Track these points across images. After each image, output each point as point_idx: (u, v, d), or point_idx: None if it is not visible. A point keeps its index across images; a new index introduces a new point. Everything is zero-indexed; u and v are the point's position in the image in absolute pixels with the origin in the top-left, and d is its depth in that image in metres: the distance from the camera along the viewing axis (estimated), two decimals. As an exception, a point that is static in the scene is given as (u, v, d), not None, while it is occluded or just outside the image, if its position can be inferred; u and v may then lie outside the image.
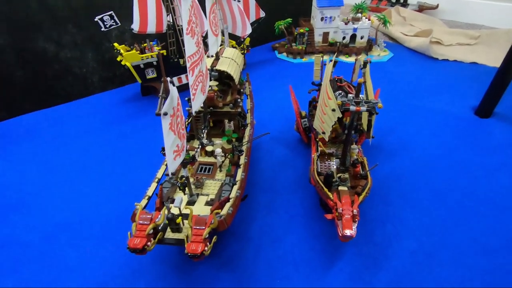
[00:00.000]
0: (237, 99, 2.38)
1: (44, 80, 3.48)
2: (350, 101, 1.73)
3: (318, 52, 4.76)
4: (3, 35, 3.09)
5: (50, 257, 1.88)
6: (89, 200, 2.29)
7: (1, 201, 2.31)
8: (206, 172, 2.13)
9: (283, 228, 2.05)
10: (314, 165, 2.15)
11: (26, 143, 2.99)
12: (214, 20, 2.24)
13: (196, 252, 1.41)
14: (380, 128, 2.96)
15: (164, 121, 1.42)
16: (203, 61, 1.93)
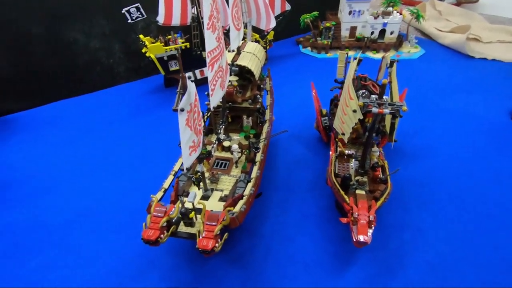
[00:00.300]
0: (257, 95, 2.35)
1: (74, 69, 3.63)
2: (373, 102, 1.65)
3: (344, 47, 4.61)
4: (37, 26, 3.24)
5: (70, 241, 1.99)
6: (109, 189, 2.38)
7: (32, 185, 2.45)
8: (222, 168, 2.14)
9: (296, 227, 2.03)
10: (331, 166, 2.10)
11: (56, 129, 3.15)
12: (236, 14, 2.21)
13: (207, 248, 1.43)
14: (405, 130, 2.83)
15: (181, 117, 1.43)
16: (223, 56, 1.92)
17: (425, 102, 3.32)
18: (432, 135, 2.82)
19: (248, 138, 2.41)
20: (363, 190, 1.87)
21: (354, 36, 4.65)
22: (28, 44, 3.28)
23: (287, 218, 2.10)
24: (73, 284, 1.74)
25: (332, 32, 4.63)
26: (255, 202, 2.19)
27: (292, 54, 4.70)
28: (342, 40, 4.66)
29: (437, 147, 2.66)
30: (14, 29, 3.15)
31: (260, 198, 2.22)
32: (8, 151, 2.84)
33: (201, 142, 1.69)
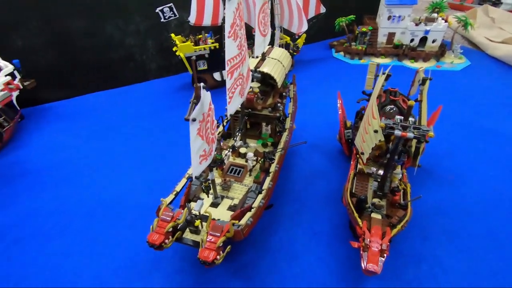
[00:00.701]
0: (277, 103, 2.30)
1: (109, 64, 3.81)
2: (397, 124, 1.54)
3: (379, 54, 4.39)
4: (80, 21, 3.43)
5: (86, 232, 2.09)
6: (129, 183, 2.47)
7: (59, 173, 2.61)
8: (236, 175, 2.12)
9: (305, 245, 1.96)
10: (349, 183, 2.00)
11: (86, 121, 3.33)
12: (263, 20, 2.17)
13: (207, 260, 1.42)
14: (436, 151, 2.63)
15: (192, 126, 1.42)
16: (244, 64, 1.89)
17: (464, 121, 3.06)
18: (467, 158, 2.59)
19: (265, 146, 2.37)
20: (379, 214, 1.76)
21: (392, 42, 4.40)
22: (70, 38, 3.48)
23: (297, 233, 2.04)
24: (82, 274, 1.83)
25: (368, 38, 4.42)
26: (266, 213, 2.16)
27: (323, 58, 4.56)
28: (378, 47, 4.43)
29: (471, 173, 2.44)
30: (58, 24, 3.36)
31: (273, 209, 2.19)
32: (42, 139, 3.06)
33: (213, 150, 1.68)
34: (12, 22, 3.18)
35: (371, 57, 4.44)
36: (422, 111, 1.75)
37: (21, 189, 2.45)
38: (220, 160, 1.92)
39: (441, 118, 2.51)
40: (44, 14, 3.27)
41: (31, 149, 2.91)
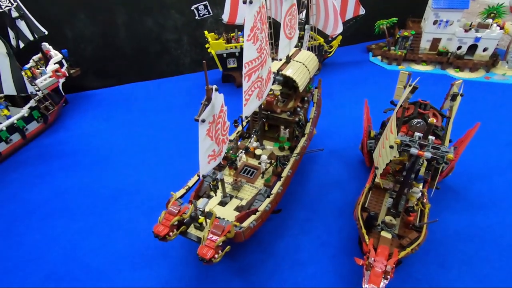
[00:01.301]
0: (297, 107, 2.26)
1: (147, 57, 4.01)
2: (414, 142, 1.44)
3: (420, 60, 4.11)
4: (122, 16, 3.65)
5: (107, 214, 2.25)
6: (153, 172, 2.58)
7: (92, 157, 2.83)
8: (248, 175, 2.14)
9: (310, 254, 1.93)
10: (362, 197, 1.93)
11: (123, 109, 3.55)
12: (289, 23, 2.14)
13: (205, 257, 1.47)
14: (468, 169, 2.42)
15: (201, 127, 1.46)
16: (264, 66, 1.89)
17: (507, 141, 2.77)
18: (504, 182, 2.35)
19: (282, 150, 2.36)
20: (390, 233, 1.68)
21: (436, 49, 4.09)
22: (113, 31, 3.73)
23: (304, 241, 2.01)
24: (97, 253, 1.98)
25: (409, 42, 4.15)
26: (275, 217, 2.16)
27: (358, 62, 4.38)
28: (420, 53, 4.15)
29: (506, 198, 2.21)
30: (103, 17, 3.61)
31: (283, 213, 2.18)
32: (81, 123, 3.32)
33: (223, 151, 1.71)
34: (65, 15, 3.48)
35: (410, 63, 4.17)
36: (448, 130, 1.62)
37: (55, 168, 2.69)
38: (231, 160, 1.95)
39: (483, 136, 2.30)
40: (92, 8, 3.52)
41: (70, 132, 3.18)
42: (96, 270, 1.90)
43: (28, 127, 2.99)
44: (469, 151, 2.48)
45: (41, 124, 3.12)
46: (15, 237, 2.13)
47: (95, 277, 1.87)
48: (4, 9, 2.85)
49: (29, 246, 2.06)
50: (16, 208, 2.34)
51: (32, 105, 3.01)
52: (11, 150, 2.86)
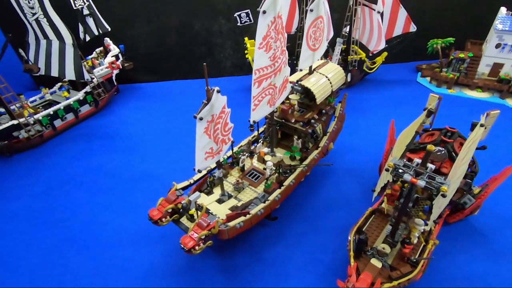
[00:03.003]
0: (312, 119, 2.25)
1: (192, 57, 4.31)
2: (410, 168, 1.35)
3: (475, 86, 3.72)
4: (173, 19, 4.00)
5: (127, 194, 2.49)
6: (175, 165, 2.75)
7: (127, 143, 3.14)
8: (253, 179, 2.18)
9: (299, 267, 1.90)
10: (362, 219, 1.84)
11: (164, 102, 3.86)
12: (313, 34, 2.15)
13: (185, 246, 1.55)
14: (499, 212, 2.15)
15: (199, 124, 1.56)
16: (277, 75, 1.93)
17: None
18: (545, 234, 2.02)
19: (293, 159, 2.36)
20: (380, 261, 1.58)
21: (496, 75, 3.66)
22: (165, 32, 4.10)
23: (296, 254, 1.98)
24: (108, 226, 2.21)
25: (465, 66, 3.79)
26: (273, 224, 2.17)
27: (403, 81, 4.12)
28: (476, 78, 3.75)
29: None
30: (159, 19, 4.00)
31: (281, 222, 2.18)
32: (125, 111, 3.70)
33: (222, 150, 1.79)
34: (126, 15, 3.94)
35: (463, 88, 3.79)
36: (456, 161, 1.46)
37: (95, 147, 3.06)
38: (232, 163, 2.02)
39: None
40: (149, 12, 3.93)
41: (114, 117, 3.57)
42: (103, 240, 2.12)
43: (81, 109, 3.44)
44: (506, 192, 2.21)
45: (92, 108, 3.56)
46: (49, 200, 2.47)
47: (101, 246, 2.08)
48: (78, 7, 3.35)
49: (57, 210, 2.38)
50: (56, 175, 2.72)
51: (87, 91, 3.45)
52: (65, 127, 3.32)
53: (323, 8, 2.13)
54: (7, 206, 2.44)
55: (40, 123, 3.04)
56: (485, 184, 2.03)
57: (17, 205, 2.45)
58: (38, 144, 3.11)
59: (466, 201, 2.00)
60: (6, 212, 2.39)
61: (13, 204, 2.45)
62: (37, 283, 1.88)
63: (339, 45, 2.81)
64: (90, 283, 1.87)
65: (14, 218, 2.33)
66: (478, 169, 2.08)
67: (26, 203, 2.46)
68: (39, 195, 2.53)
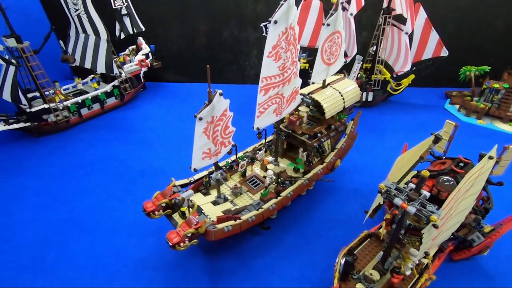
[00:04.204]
0: (318, 133, 2.22)
1: (218, 62, 4.45)
2: (402, 192, 1.29)
3: (508, 119, 3.48)
4: (204, 25, 4.16)
5: (131, 184, 2.59)
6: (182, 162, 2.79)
7: (143, 136, 3.27)
8: (252, 186, 2.19)
9: (284, 281, 1.86)
10: (355, 241, 1.78)
11: (185, 103, 3.99)
12: (329, 49, 2.14)
13: (170, 241, 1.58)
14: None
15: (198, 124, 1.61)
16: (286, 85, 1.94)
17: None
18: None
19: (296, 171, 2.33)
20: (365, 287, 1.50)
21: (534, 110, 3.40)
22: (195, 36, 4.27)
23: (284, 268, 1.94)
24: (109, 214, 2.30)
25: (499, 96, 3.56)
26: (266, 233, 2.15)
27: (430, 106, 3.94)
28: (511, 110, 3.51)
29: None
30: (189, 24, 4.18)
31: (275, 233, 2.16)
32: (148, 107, 3.87)
33: (221, 153, 1.81)
34: (160, 17, 4.16)
35: (494, 120, 3.56)
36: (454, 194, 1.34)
37: (113, 137, 3.22)
38: (230, 166, 2.04)
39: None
40: (182, 15, 4.12)
41: (136, 112, 3.75)
42: (102, 225, 2.21)
43: (107, 101, 3.65)
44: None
45: (118, 101, 3.77)
46: (62, 182, 2.63)
47: (99, 231, 2.17)
48: (117, 7, 3.60)
49: (66, 192, 2.52)
50: (73, 160, 2.89)
51: (115, 84, 3.67)
52: (90, 116, 3.54)
53: (341, 24, 2.13)
54: (24, 181, 2.63)
55: (68, 110, 3.27)
56: (499, 224, 1.88)
57: (33, 182, 2.63)
58: (64, 129, 3.33)
59: (474, 238, 1.86)
60: (22, 187, 2.57)
61: (30, 181, 2.64)
62: (35, 259, 1.99)
63: (358, 63, 2.77)
64: (83, 264, 1.95)
65: (28, 193, 2.51)
66: (492, 206, 1.93)
67: (41, 182, 2.63)
68: (54, 176, 2.70)
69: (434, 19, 3.39)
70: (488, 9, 3.83)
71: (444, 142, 2.09)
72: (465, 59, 3.87)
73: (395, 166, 1.46)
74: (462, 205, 1.48)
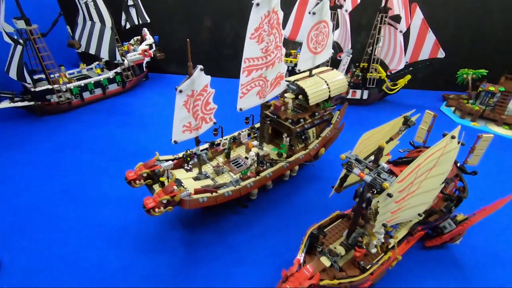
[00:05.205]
0: (300, 118, 2.28)
1: (220, 56, 4.56)
2: (362, 163, 1.34)
3: (502, 122, 3.47)
4: (207, 20, 4.30)
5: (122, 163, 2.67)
6: None
7: (139, 121, 3.39)
8: (235, 167, 2.26)
9: (258, 257, 1.92)
10: (327, 219, 1.84)
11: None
12: (315, 38, 2.22)
13: (146, 206, 1.66)
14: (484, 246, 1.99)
15: (179, 96, 1.70)
16: (270, 69, 2.02)
17: None
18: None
19: (280, 156, 2.39)
20: (330, 261, 1.55)
21: (529, 114, 3.38)
22: (200, 30, 4.40)
23: (259, 245, 2.00)
24: (100, 187, 2.41)
25: (495, 100, 3.56)
26: (247, 213, 2.22)
27: (425, 107, 3.81)
28: (506, 114, 3.49)
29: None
30: (194, 20, 4.32)
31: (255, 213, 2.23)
32: (148, 95, 4.01)
33: (201, 128, 1.89)
34: (166, 11, 4.31)
35: (488, 122, 3.55)
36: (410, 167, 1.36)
37: (111, 121, 3.35)
38: (212, 143, 2.13)
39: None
40: (187, 10, 4.27)
41: (136, 99, 3.89)
42: (91, 198, 2.32)
43: (109, 87, 3.79)
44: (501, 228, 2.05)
45: (120, 88, 3.91)
46: (59, 157, 2.76)
47: (87, 202, 2.28)
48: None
49: (62, 166, 2.65)
50: (72, 138, 3.03)
51: (118, 71, 3.81)
52: (92, 100, 3.69)
53: (328, 14, 2.20)
54: (24, 155, 2.77)
55: (71, 92, 3.42)
56: (473, 214, 1.90)
57: (32, 155, 2.77)
58: (66, 111, 3.48)
59: (446, 225, 1.89)
60: (22, 159, 2.71)
61: (29, 154, 2.78)
62: (23, 221, 2.11)
63: (347, 55, 2.82)
64: (68, 229, 2.06)
65: (26, 165, 2.64)
66: (467, 196, 1.96)
67: (40, 156, 2.77)
68: (53, 151, 2.83)
69: (433, 21, 3.43)
70: (488, 14, 3.85)
71: (423, 132, 2.13)
72: (464, 63, 3.88)
73: (359, 142, 1.51)
74: (427, 185, 1.52)
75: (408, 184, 1.41)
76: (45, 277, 1.78)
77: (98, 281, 1.76)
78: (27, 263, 1.85)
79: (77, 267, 1.83)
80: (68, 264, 1.85)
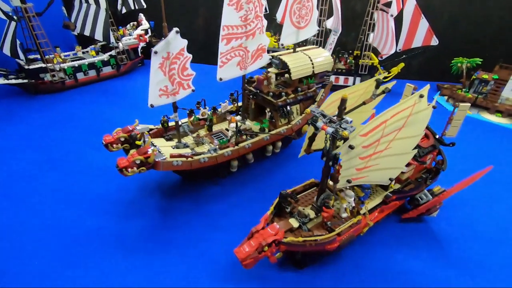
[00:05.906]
0: (281, 92, 2.29)
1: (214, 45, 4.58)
2: (326, 117, 1.34)
3: (495, 110, 3.42)
4: (203, 7, 4.34)
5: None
6: None
7: (132, 103, 3.43)
8: (217, 139, 2.27)
9: (232, 224, 1.92)
10: (300, 186, 1.84)
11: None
12: (298, 11, 2.23)
13: (119, 165, 1.67)
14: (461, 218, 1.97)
15: (154, 58, 1.72)
16: (250, 38, 2.04)
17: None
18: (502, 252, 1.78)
19: (262, 131, 2.40)
20: (298, 222, 1.55)
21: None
22: (195, 17, 4.45)
23: (235, 214, 2.01)
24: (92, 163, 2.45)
25: (488, 88, 3.51)
26: (227, 184, 2.23)
27: (419, 96, 3.91)
28: (499, 102, 3.45)
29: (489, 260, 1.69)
30: (192, 5, 4.37)
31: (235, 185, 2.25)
32: (142, 79, 4.05)
33: (179, 93, 1.91)
34: None
35: (481, 110, 3.50)
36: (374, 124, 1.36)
37: (102, 101, 3.40)
38: (190, 111, 2.16)
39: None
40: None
41: (129, 82, 3.94)
42: (74, 166, 2.36)
43: (104, 69, 3.85)
44: (480, 203, 2.03)
45: (114, 71, 3.96)
46: (50, 131, 2.81)
47: (68, 169, 2.32)
48: (120, -18, 3.82)
49: (52, 140, 2.70)
50: (64, 115, 3.10)
51: (112, 54, 3.87)
52: (86, 81, 3.74)
53: (310, -12, 2.21)
54: (14, 128, 2.83)
55: (64, 72, 3.48)
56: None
57: (22, 128, 2.82)
58: (59, 90, 3.54)
59: (422, 196, 1.87)
60: (12, 132, 2.77)
61: (19, 128, 2.83)
62: (7, 188, 2.14)
63: (334, 34, 2.82)
64: (48, 195, 2.09)
65: (15, 137, 2.69)
66: (445, 168, 1.94)
67: (30, 129, 2.82)
68: (43, 126, 2.89)
69: (429, 11, 3.41)
70: (483, 2, 3.81)
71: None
72: (460, 53, 3.84)
73: (327, 100, 1.51)
74: (397, 147, 1.52)
75: (375, 140, 1.41)
76: (19, 232, 1.81)
77: (72, 238, 1.78)
78: (2, 219, 1.89)
79: (52, 226, 1.86)
80: (43, 222, 1.88)
